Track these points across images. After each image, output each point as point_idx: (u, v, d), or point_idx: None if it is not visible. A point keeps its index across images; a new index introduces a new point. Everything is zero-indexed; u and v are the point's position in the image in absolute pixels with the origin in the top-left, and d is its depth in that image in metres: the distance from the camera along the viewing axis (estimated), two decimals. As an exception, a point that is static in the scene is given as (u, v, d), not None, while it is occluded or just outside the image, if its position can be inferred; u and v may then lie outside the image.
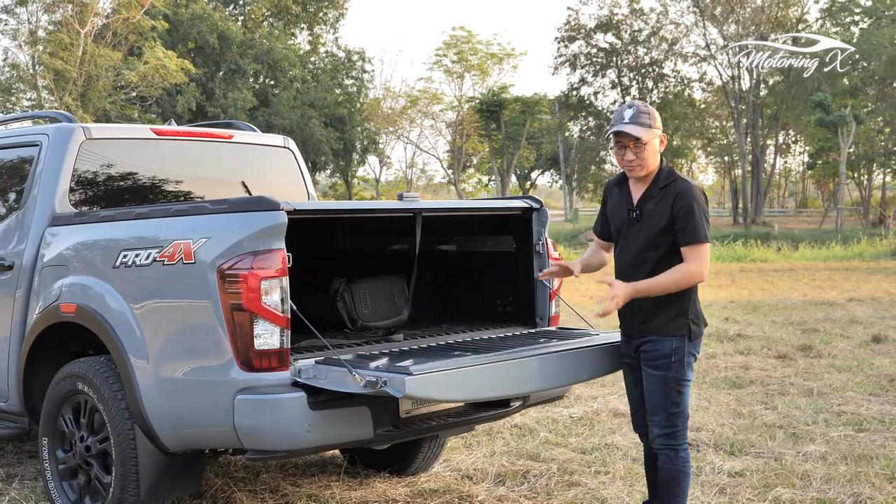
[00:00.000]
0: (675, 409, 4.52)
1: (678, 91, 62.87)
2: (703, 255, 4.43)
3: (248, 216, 4.39)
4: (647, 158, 4.49)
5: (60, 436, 5.23)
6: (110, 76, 39.78)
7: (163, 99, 43.05)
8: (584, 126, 64.87)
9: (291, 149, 6.71)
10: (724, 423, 7.29)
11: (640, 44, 61.76)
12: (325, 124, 51.30)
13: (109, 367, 4.90)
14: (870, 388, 8.64)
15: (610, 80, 63.39)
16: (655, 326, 4.51)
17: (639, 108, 4.52)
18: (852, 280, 21.36)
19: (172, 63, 39.74)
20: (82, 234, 5.23)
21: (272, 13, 56.31)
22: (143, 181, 6.01)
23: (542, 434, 7.09)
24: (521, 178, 72.79)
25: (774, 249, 33.60)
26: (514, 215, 5.59)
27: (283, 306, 4.31)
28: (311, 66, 56.97)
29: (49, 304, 5.21)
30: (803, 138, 68.11)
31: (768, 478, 5.88)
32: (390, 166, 69.90)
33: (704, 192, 4.55)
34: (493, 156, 60.55)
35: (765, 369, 9.69)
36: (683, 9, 60.31)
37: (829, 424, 7.30)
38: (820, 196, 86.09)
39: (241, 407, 4.30)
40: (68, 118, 5.82)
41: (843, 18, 60.37)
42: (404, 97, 62.66)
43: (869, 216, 57.87)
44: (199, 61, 46.61)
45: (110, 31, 41.33)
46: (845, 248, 33.26)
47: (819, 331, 12.50)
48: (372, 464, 6.23)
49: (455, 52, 62.16)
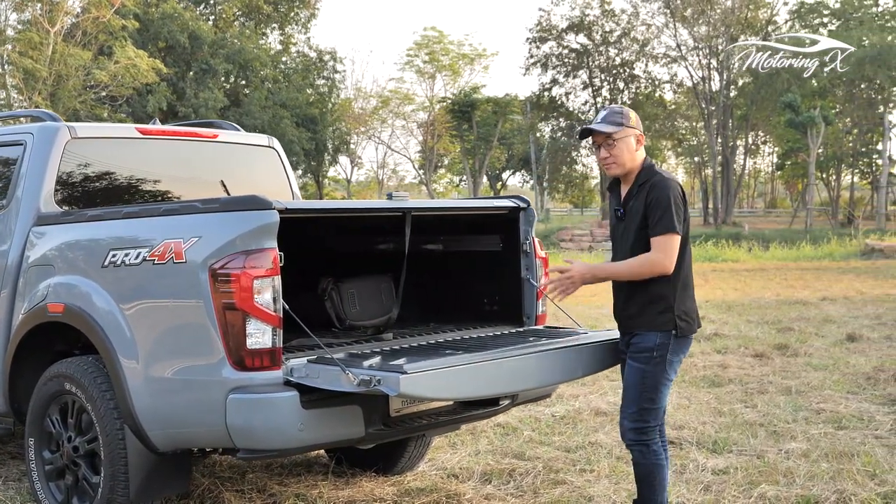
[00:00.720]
0: (648, 404, 4.55)
1: (649, 92, 63.16)
2: (669, 246, 4.46)
3: (240, 215, 4.39)
4: (621, 156, 4.60)
5: (47, 436, 5.20)
6: (80, 75, 39.48)
7: (133, 99, 42.79)
8: (556, 127, 65.02)
9: (276, 148, 6.71)
10: (705, 422, 7.35)
11: (611, 45, 61.96)
12: (296, 124, 51.16)
13: (98, 367, 4.88)
14: (847, 386, 8.73)
15: (581, 81, 63.55)
16: (641, 321, 4.56)
17: (612, 109, 4.69)
18: (824, 279, 21.56)
19: (143, 62, 39.49)
20: (69, 234, 5.21)
21: (243, 13, 56.12)
22: (128, 180, 5.98)
23: (525, 433, 7.12)
24: (492, 178, 72.92)
25: (745, 249, 33.86)
26: (501, 215, 5.61)
27: (276, 305, 4.31)
28: (283, 66, 56.79)
29: (35, 304, 5.17)
30: (772, 139, 68.60)
31: (752, 475, 5.93)
32: (361, 167, 69.85)
33: (682, 187, 4.61)
34: (464, 156, 60.63)
35: (743, 368, 9.77)
36: (654, 10, 60.56)
37: (808, 422, 7.37)
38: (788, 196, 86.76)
39: (234, 406, 4.29)
40: (53, 117, 5.79)
41: (811, 20, 60.88)
42: (375, 97, 62.62)
43: (837, 216, 58.38)
44: (169, 61, 46.36)
45: (80, 30, 41.01)
46: (815, 248, 33.58)
47: (794, 330, 12.62)
48: (358, 463, 6.24)
49: (426, 52, 62.15)
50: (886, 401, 8.10)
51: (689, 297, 4.62)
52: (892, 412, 7.70)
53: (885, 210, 53.77)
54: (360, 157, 68.90)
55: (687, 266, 4.60)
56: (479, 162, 59.55)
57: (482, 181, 63.30)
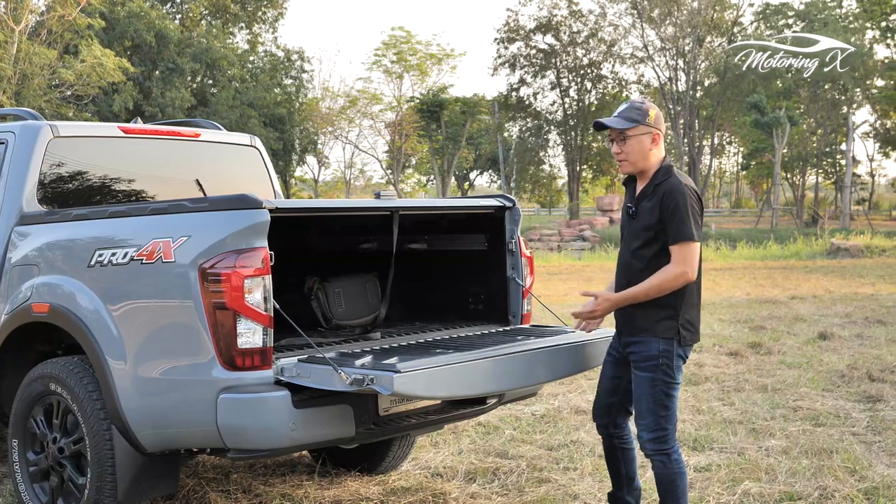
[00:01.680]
0: (663, 411, 4.50)
1: (616, 92, 63.45)
2: (689, 255, 4.38)
3: (230, 214, 4.37)
4: (632, 153, 4.51)
5: (31, 437, 5.16)
6: (46, 74, 39.09)
7: (99, 98, 42.43)
8: (524, 127, 65.18)
9: (258, 147, 6.70)
10: (684, 419, 7.40)
11: (578, 45, 62.21)
12: (264, 124, 50.94)
13: (84, 367, 4.85)
14: (822, 383, 8.82)
15: (549, 81, 63.75)
16: (644, 326, 4.50)
17: (632, 103, 4.58)
18: (792, 279, 21.74)
19: (110, 62, 39.13)
20: (54, 234, 5.16)
21: (210, 12, 55.78)
22: (111, 179, 5.94)
23: (507, 431, 7.14)
24: (460, 178, 72.95)
25: (713, 249, 34.07)
26: (486, 214, 5.63)
27: (266, 305, 4.31)
28: (250, 66, 56.53)
29: (19, 304, 5.13)
30: (738, 139, 69.18)
31: (735, 472, 5.98)
32: (328, 167, 69.58)
33: (698, 192, 4.52)
34: (433, 156, 60.60)
35: (718, 366, 9.85)
36: (621, 10, 60.87)
37: (786, 420, 7.44)
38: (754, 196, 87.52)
39: (225, 406, 4.28)
40: (34, 116, 5.74)
41: (776, 21, 61.45)
42: (343, 97, 62.38)
43: (803, 216, 58.94)
44: (136, 60, 46.02)
45: (45, 28, 40.61)
46: (782, 247, 33.85)
47: (766, 328, 12.72)
48: (342, 462, 6.24)
49: (394, 52, 62.01)
50: (861, 398, 8.20)
51: (694, 306, 4.54)
52: (867, 409, 7.80)
53: (850, 210, 54.37)
54: (328, 157, 68.77)
55: (698, 275, 4.53)
56: (447, 162, 59.53)
57: (450, 181, 63.29)
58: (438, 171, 59.96)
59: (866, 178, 72.22)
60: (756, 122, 50.46)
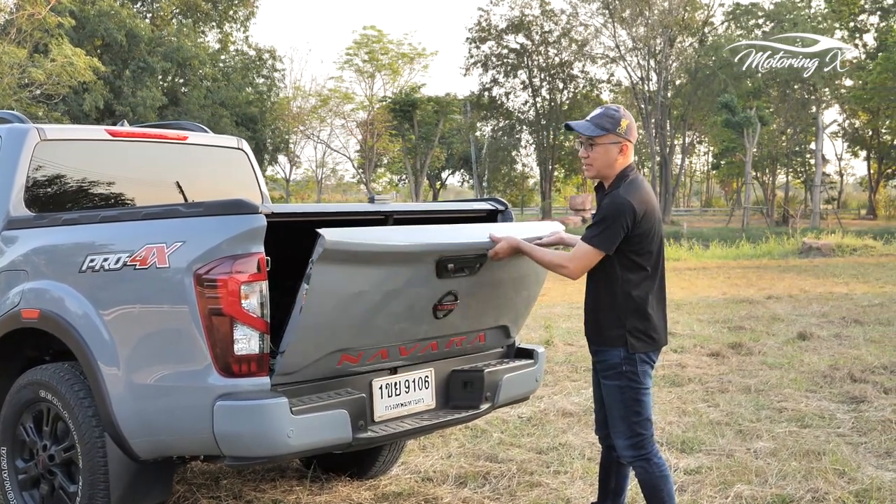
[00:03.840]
0: (635, 417, 4.52)
1: (587, 92, 63.71)
2: (582, 256, 4.45)
3: (226, 220, 4.32)
4: (597, 160, 4.53)
5: (20, 445, 5.08)
6: (15, 74, 38.73)
7: (70, 97, 42.11)
8: (496, 126, 65.35)
9: (245, 150, 6.64)
10: (671, 421, 7.42)
11: (550, 45, 62.46)
12: (236, 123, 50.81)
13: (75, 374, 4.78)
14: (805, 384, 8.86)
15: (521, 81, 63.98)
16: (597, 336, 4.57)
17: (606, 110, 4.58)
18: (766, 278, 21.87)
19: (80, 61, 38.88)
20: (43, 238, 5.09)
21: (181, 10, 55.53)
22: (98, 183, 5.87)
23: (495, 435, 7.12)
24: (432, 177, 72.95)
25: (686, 248, 34.23)
26: (479, 217, 5.61)
27: (263, 311, 4.27)
28: (222, 65, 56.34)
29: (7, 310, 5.05)
30: (709, 139, 69.65)
31: (725, 475, 5.99)
32: (300, 166, 69.47)
33: (633, 208, 4.38)
34: (406, 155, 60.60)
35: (700, 367, 9.88)
36: (593, 10, 61.13)
37: (772, 421, 7.47)
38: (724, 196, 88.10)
39: (221, 413, 4.23)
40: (21, 119, 5.66)
41: (746, 22, 61.90)
42: (315, 96, 62.27)
43: (773, 215, 59.38)
44: (106, 59, 45.78)
45: (15, 27, 40.27)
46: (754, 246, 34.04)
47: (745, 328, 12.78)
48: (331, 468, 6.20)
49: (366, 51, 61.96)
50: (845, 399, 8.25)
51: (642, 315, 4.50)
52: (851, 410, 7.84)
53: (819, 209, 54.82)
54: (299, 156, 68.57)
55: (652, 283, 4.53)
56: (420, 161, 59.56)
57: (423, 181, 63.30)
58: (411, 170, 59.96)
59: (835, 178, 72.92)
60: (727, 121, 50.80)
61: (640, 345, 4.51)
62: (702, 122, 62.98)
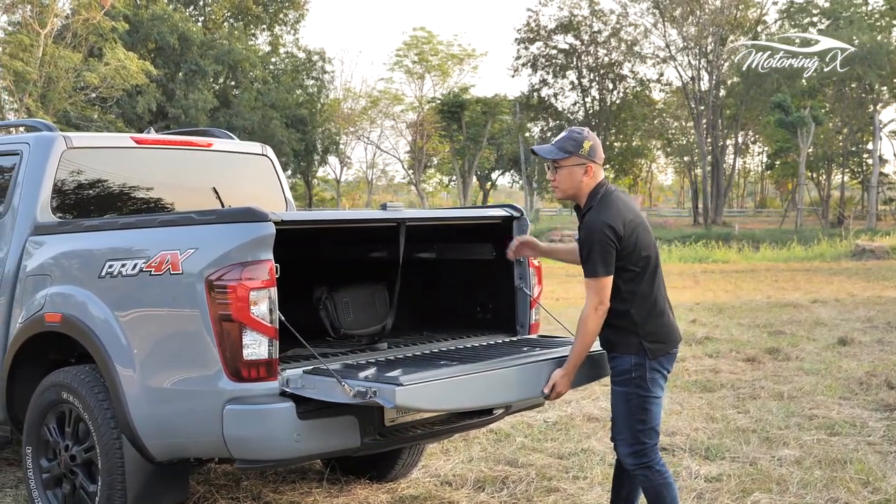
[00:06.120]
0: (640, 426, 4.49)
1: (637, 92, 63.32)
2: (600, 290, 4.39)
3: (236, 227, 4.41)
4: (562, 182, 4.56)
5: (45, 445, 5.21)
6: (70, 77, 39.43)
7: (123, 100, 42.74)
8: (545, 127, 65.16)
9: (269, 156, 6.73)
10: (697, 428, 7.38)
11: (599, 45, 62.15)
12: (286, 125, 51.21)
13: (94, 376, 4.89)
14: (839, 391, 8.76)
15: (570, 82, 63.76)
16: (612, 343, 4.55)
17: (570, 133, 4.60)
18: (814, 281, 21.63)
19: (133, 64, 39.48)
20: (66, 244, 5.22)
21: (232, 14, 56.11)
22: (124, 190, 6.00)
23: (518, 439, 7.14)
24: (482, 178, 72.95)
25: (736, 250, 33.92)
26: (494, 224, 5.64)
27: (272, 316, 4.34)
28: (272, 67, 56.86)
29: (33, 313, 5.18)
30: (762, 139, 68.83)
31: (745, 483, 5.96)
32: (350, 167, 69.87)
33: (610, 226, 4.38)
34: (454, 156, 60.66)
35: (734, 372, 9.81)
36: (643, 10, 60.73)
37: (801, 428, 7.40)
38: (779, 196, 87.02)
39: (230, 417, 4.32)
40: (49, 127, 5.80)
41: (801, 20, 61.08)
42: (365, 98, 62.58)
43: (828, 216, 58.57)
44: (159, 62, 46.38)
45: (70, 31, 40.97)
46: (806, 248, 33.64)
47: (785, 333, 12.66)
48: (351, 470, 6.26)
49: (416, 52, 62.16)
50: (879, 406, 8.14)
51: (655, 317, 4.52)
52: (884, 418, 7.74)
53: (876, 210, 53.98)
54: (350, 157, 68.92)
55: (649, 287, 4.50)
56: (468, 162, 59.58)
57: (472, 181, 63.32)
58: (459, 171, 59.99)
59: (894, 178, 71.65)
60: (780, 121, 50.20)
61: (657, 347, 4.49)
62: (755, 122, 62.25)
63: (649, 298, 4.52)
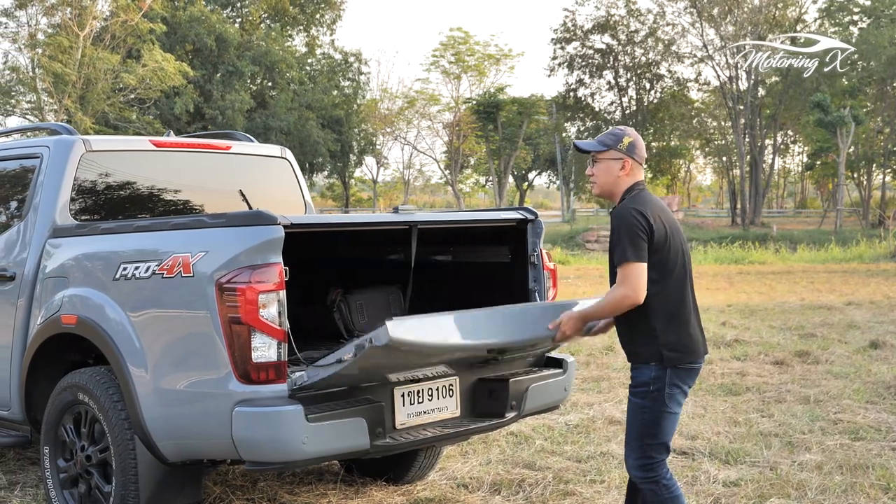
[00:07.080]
0: (650, 440, 4.41)
1: (675, 91, 62.94)
2: (628, 276, 4.28)
3: (245, 230, 4.45)
4: (600, 176, 4.53)
5: (62, 445, 5.28)
6: (109, 79, 39.86)
7: (161, 101, 43.13)
8: (582, 127, 64.96)
9: (288, 159, 6.76)
10: (719, 432, 7.33)
11: (636, 44, 61.85)
12: (322, 126, 51.43)
13: (109, 378, 4.95)
14: (867, 395, 8.67)
15: (607, 82, 63.50)
16: (631, 352, 4.48)
17: (613, 129, 4.59)
18: (851, 283, 21.39)
19: (170, 65, 39.84)
20: (83, 246, 5.28)
21: (269, 15, 56.43)
22: (142, 192, 6.05)
23: (537, 442, 7.13)
24: (518, 178, 72.83)
25: (772, 251, 33.62)
26: (509, 227, 5.63)
27: (281, 319, 4.37)
28: (309, 68, 57.11)
29: (50, 314, 5.25)
30: (802, 138, 68.17)
31: (763, 488, 5.91)
32: (387, 167, 70.02)
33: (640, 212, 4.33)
34: (490, 157, 60.60)
35: (761, 376, 9.73)
36: (680, 9, 60.35)
37: (825, 433, 7.33)
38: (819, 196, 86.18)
39: (239, 419, 4.35)
40: (68, 130, 5.87)
41: (841, 18, 60.42)
42: (401, 98, 62.66)
43: (868, 217, 57.88)
44: (196, 63, 46.72)
45: (109, 33, 41.43)
46: (844, 250, 33.24)
47: (817, 336, 12.54)
48: (368, 472, 6.27)
49: (452, 52, 62.12)
50: (904, 410, 8.05)
51: (679, 327, 4.41)
52: (909, 422, 7.65)
53: (917, 211, 53.26)
54: (387, 157, 69.07)
55: (675, 294, 4.41)
56: (504, 162, 59.49)
57: (508, 181, 63.20)
58: (495, 171, 59.95)
59: (936, 178, 70.72)
60: (819, 121, 49.64)
61: (676, 357, 4.38)
62: (794, 122, 61.67)
63: (674, 305, 4.41)
